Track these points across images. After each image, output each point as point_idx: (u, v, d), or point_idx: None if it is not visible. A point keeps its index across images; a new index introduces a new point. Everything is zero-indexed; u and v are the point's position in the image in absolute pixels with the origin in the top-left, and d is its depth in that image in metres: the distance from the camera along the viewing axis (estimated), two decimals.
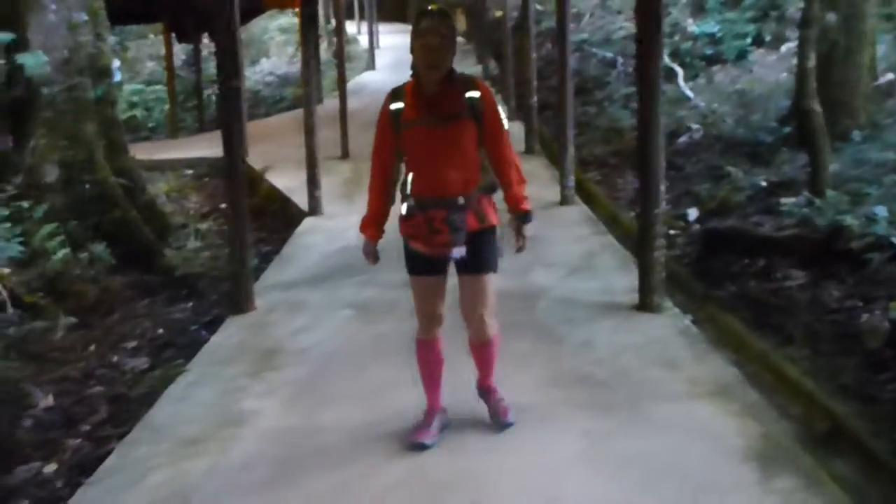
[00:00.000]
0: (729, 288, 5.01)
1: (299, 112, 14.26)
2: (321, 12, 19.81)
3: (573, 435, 3.31)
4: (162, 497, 2.99)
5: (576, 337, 4.39)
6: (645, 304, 4.75)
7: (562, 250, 5.97)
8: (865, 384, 3.58)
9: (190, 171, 11.33)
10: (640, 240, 4.86)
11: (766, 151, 7.63)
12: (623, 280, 5.23)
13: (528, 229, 3.25)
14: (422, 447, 3.21)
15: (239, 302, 5.16)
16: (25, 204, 6.69)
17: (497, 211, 3.23)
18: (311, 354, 4.34)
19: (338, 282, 5.73)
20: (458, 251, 3.10)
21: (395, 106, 3.15)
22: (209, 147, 12.47)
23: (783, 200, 5.91)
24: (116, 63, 11.90)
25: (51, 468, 3.45)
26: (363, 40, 22.27)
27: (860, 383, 3.60)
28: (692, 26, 13.67)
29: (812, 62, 6.05)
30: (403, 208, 3.18)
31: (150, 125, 17.00)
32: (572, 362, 4.05)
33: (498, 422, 3.35)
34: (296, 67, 19.42)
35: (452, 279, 3.27)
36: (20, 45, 6.91)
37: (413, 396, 3.48)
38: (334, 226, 7.58)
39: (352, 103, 11.68)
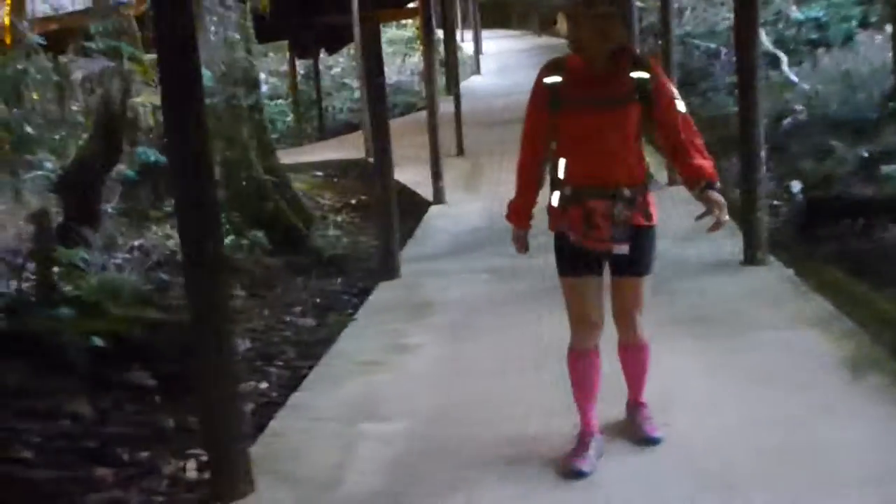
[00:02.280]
0: (830, 246, 5.47)
1: (413, 117, 15.45)
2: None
3: (692, 356, 3.90)
4: (357, 397, 3.79)
5: (690, 287, 4.97)
6: (750, 258, 5.28)
7: (673, 223, 6.53)
8: None
9: (319, 173, 12.40)
10: (744, 201, 5.40)
11: (871, 127, 7.95)
12: (731, 245, 5.73)
13: (718, 197, 2.74)
14: (580, 475, 2.85)
15: (390, 269, 5.99)
16: None
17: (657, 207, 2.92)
18: (457, 305, 5.11)
19: (470, 254, 6.50)
20: (621, 248, 2.80)
21: (551, 80, 2.87)
22: (334, 151, 13.65)
23: (884, 168, 6.29)
24: (262, 76, 13.10)
25: (263, 385, 4.33)
26: (467, 47, 23.12)
27: None
28: (796, 13, 13.84)
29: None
30: (555, 198, 2.90)
31: (273, 136, 18.35)
32: (689, 306, 4.64)
33: (643, 436, 3.03)
34: (405, 76, 20.50)
35: None
36: None
37: (550, 326, 4.15)
38: (459, 211, 8.37)
39: (462, 105, 12.46)
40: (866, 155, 6.94)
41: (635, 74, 2.81)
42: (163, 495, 3.11)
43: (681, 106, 2.86)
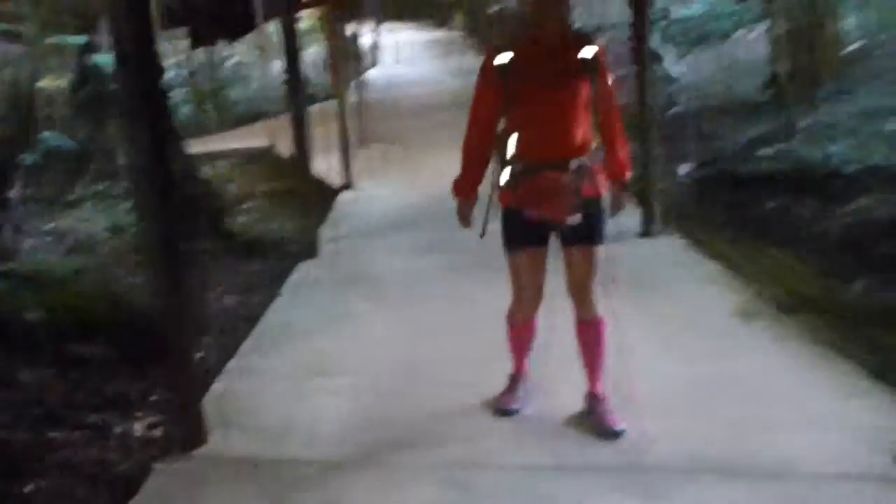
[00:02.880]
0: (717, 217, 6.03)
1: (314, 107, 15.46)
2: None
3: (610, 309, 4.26)
4: (300, 357, 4.03)
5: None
6: (647, 231, 5.78)
7: None
8: (823, 264, 4.62)
9: (224, 162, 12.33)
10: (640, 182, 5.87)
11: (750, 114, 8.67)
12: (631, 221, 6.23)
13: (625, 198, 3.19)
14: (508, 413, 3.21)
15: (309, 249, 6.17)
16: (103, 185, 7.75)
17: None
18: (387, 279, 5.35)
19: (389, 234, 6.73)
20: (574, 218, 2.90)
21: (502, 60, 2.95)
22: (237, 141, 13.57)
23: (762, 150, 6.94)
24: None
25: (198, 354, 4.44)
26: (364, 40, 23.23)
27: (820, 266, 4.64)
28: (679, 11, 14.73)
29: (779, 31, 7.08)
30: (505, 175, 3.00)
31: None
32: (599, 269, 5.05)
33: (605, 430, 3.03)
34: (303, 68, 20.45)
35: None
36: (90, 47, 7.95)
37: (476, 294, 4.46)
38: (370, 195, 8.60)
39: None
40: (746, 139, 7.60)
41: (583, 52, 2.93)
42: (115, 452, 3.24)
43: (613, 88, 3.05)
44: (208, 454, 3.06)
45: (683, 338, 3.88)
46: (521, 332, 3.24)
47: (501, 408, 3.25)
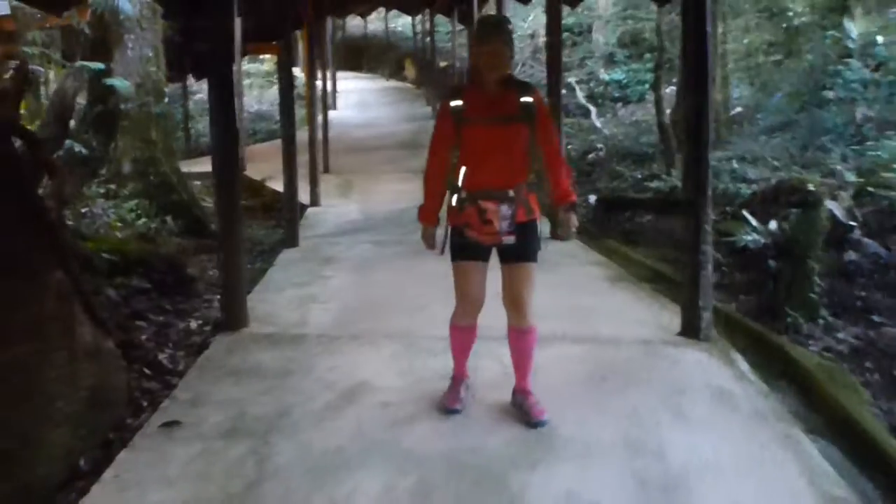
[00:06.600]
0: (612, 229, 7.90)
1: (277, 142, 17.06)
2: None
3: None
4: (299, 296, 5.64)
5: None
6: (555, 235, 7.57)
7: None
8: (676, 256, 6.47)
9: (198, 183, 13.84)
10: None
11: (647, 159, 10.70)
12: (542, 228, 8.07)
13: (574, 218, 3.47)
14: (452, 412, 3.57)
15: (292, 239, 7.78)
16: (113, 187, 9.24)
17: (539, 206, 3.47)
18: (354, 259, 7.01)
19: (353, 234, 8.38)
20: (509, 239, 3.32)
21: (455, 103, 3.37)
22: (204, 167, 15.07)
23: (648, 184, 8.90)
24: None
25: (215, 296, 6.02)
26: (325, 85, 25.01)
27: (673, 256, 6.49)
28: (604, 75, 16.96)
29: (663, 92, 9.11)
30: (454, 200, 3.38)
31: None
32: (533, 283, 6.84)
33: (530, 421, 3.43)
34: (265, 107, 22.12)
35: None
36: (106, 72, 9.44)
37: (423, 268, 6.14)
38: (336, 210, 10.22)
39: (320, 135, 14.32)
40: (640, 176, 9.58)
41: (523, 99, 3.35)
42: (185, 333, 4.81)
43: (553, 128, 3.45)
44: (251, 332, 4.67)
45: (574, 290, 5.66)
46: (461, 335, 3.60)
47: (446, 407, 3.62)
